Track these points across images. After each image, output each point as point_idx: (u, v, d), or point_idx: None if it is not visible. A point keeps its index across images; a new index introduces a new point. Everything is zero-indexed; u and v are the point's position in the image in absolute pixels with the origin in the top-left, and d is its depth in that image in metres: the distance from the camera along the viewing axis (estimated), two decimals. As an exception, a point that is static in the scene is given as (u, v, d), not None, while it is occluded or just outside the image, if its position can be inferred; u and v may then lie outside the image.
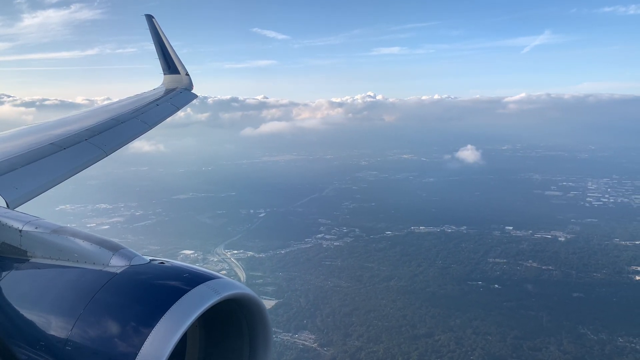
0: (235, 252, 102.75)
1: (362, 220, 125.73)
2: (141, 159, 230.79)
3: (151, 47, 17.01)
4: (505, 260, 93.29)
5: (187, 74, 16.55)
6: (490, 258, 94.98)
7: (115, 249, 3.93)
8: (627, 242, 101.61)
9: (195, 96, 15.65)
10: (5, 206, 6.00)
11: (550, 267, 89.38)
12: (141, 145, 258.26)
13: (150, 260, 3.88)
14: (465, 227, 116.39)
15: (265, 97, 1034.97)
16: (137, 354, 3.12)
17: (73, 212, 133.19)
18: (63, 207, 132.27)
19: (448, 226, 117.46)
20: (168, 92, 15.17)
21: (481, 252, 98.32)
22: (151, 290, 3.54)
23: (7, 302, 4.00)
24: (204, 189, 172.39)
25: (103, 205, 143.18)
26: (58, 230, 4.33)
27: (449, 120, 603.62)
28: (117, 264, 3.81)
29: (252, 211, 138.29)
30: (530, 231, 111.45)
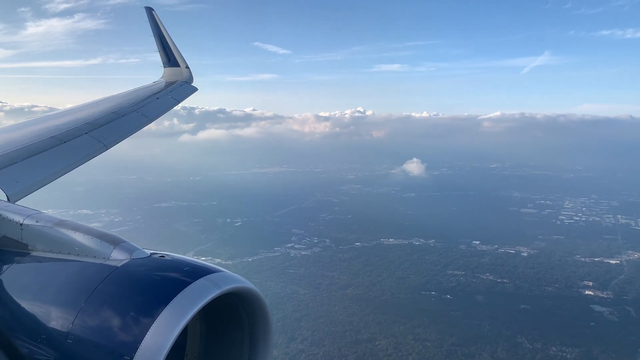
0: (204, 258, 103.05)
1: (335, 231, 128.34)
2: (130, 167, 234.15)
3: (154, 57, 17.16)
4: (463, 273, 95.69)
5: (187, 67, 16.33)
6: (450, 270, 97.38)
7: (116, 242, 3.94)
8: (586, 259, 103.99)
9: (195, 89, 15.49)
10: (6, 200, 5.96)
11: (505, 280, 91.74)
12: (131, 153, 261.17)
13: (151, 253, 3.90)
14: (433, 240, 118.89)
15: (254, 109, 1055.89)
16: (138, 346, 3.15)
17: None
18: (45, 211, 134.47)
19: (417, 239, 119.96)
20: (168, 85, 15.08)
21: (442, 265, 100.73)
22: (152, 284, 3.56)
23: (8, 295, 3.99)
24: (186, 197, 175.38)
25: (85, 211, 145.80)
26: (59, 224, 4.30)
27: (437, 137, 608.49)
28: (118, 257, 3.84)
29: (228, 220, 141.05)
30: (496, 246, 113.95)
